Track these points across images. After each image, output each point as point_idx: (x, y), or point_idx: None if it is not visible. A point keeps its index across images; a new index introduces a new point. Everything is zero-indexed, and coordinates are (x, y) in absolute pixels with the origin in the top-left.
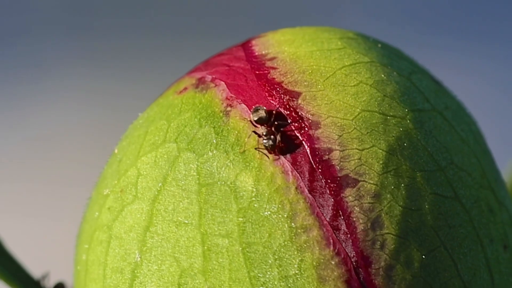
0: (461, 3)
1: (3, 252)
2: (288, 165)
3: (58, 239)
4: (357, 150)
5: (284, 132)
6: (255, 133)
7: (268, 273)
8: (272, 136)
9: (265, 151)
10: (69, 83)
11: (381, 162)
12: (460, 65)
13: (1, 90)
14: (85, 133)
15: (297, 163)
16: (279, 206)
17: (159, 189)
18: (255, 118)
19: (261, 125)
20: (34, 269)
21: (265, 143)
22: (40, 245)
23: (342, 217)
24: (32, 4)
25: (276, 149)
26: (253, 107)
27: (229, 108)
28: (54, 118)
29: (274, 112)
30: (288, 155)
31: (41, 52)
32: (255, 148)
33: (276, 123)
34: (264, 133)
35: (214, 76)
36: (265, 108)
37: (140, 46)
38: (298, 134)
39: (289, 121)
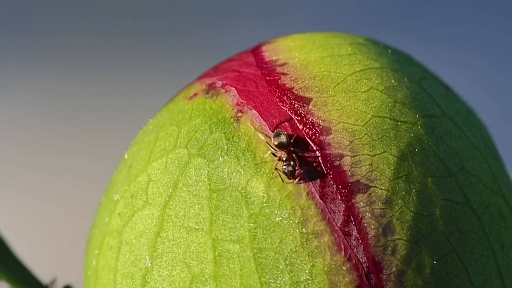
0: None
1: (11, 257)
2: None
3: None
4: (368, 156)
5: (302, 157)
6: (274, 155)
7: (279, 278)
8: (291, 162)
9: (284, 176)
10: (9, 81)
11: (392, 168)
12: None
13: None
14: (23, 131)
15: None
16: (290, 211)
17: (169, 194)
18: (276, 143)
19: (281, 149)
20: (42, 275)
21: (284, 169)
22: (49, 249)
23: (354, 223)
24: None
25: (296, 176)
26: (275, 131)
27: (239, 114)
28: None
29: (294, 136)
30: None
31: None
32: (275, 169)
33: (294, 148)
34: (284, 158)
35: (224, 82)
36: (286, 133)
37: (81, 44)
38: (309, 140)
39: (309, 148)
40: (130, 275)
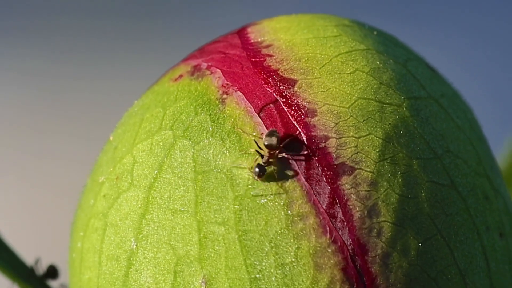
0: None
1: None
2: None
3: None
4: (353, 138)
5: (288, 162)
6: (258, 152)
7: (265, 260)
8: (266, 167)
9: (252, 173)
10: (2, 63)
11: (377, 150)
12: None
13: None
14: (14, 114)
15: (294, 150)
16: (276, 193)
17: (155, 176)
18: (266, 143)
19: (269, 149)
20: (27, 257)
21: (256, 171)
22: (33, 232)
23: (339, 205)
24: None
25: (263, 177)
26: (269, 130)
27: (225, 96)
28: None
29: (287, 140)
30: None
31: None
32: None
33: (287, 152)
34: (263, 161)
35: (209, 64)
36: (279, 135)
37: (70, 25)
38: (294, 122)
39: (303, 151)
40: (115, 257)
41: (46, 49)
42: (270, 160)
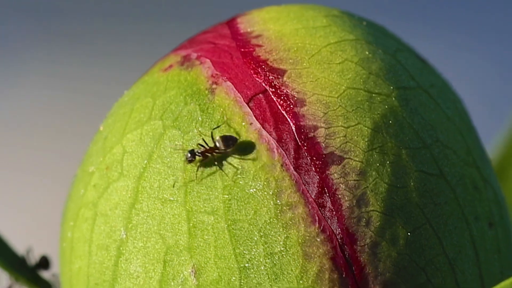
0: None
1: None
2: (273, 143)
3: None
4: (342, 128)
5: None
6: (205, 145)
7: (254, 250)
8: (197, 156)
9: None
10: (35, 66)
11: (366, 140)
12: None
13: None
14: (51, 117)
15: (283, 140)
16: (265, 183)
17: (144, 166)
18: (223, 143)
19: (225, 147)
20: (17, 248)
21: (187, 155)
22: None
23: (328, 195)
24: None
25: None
26: (231, 136)
27: (214, 86)
28: (18, 101)
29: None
30: (273, 133)
31: (7, 34)
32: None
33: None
34: (201, 150)
35: (199, 54)
36: (237, 140)
37: (109, 30)
38: (283, 112)
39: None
40: (105, 247)
41: (79, 53)
42: (207, 153)
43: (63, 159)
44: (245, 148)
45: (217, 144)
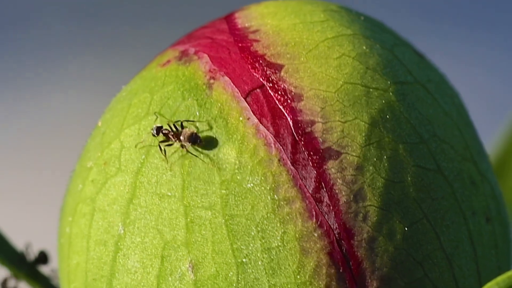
0: None
1: None
2: (271, 137)
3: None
4: (339, 123)
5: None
6: (168, 134)
7: (251, 245)
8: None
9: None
10: (75, 72)
11: (363, 135)
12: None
13: (7, 78)
14: (90, 122)
15: (280, 135)
16: (262, 178)
17: (142, 161)
18: (186, 134)
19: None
20: (16, 243)
21: (154, 128)
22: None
23: (325, 189)
24: None
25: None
26: (194, 133)
27: (212, 81)
28: (58, 106)
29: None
30: (271, 128)
31: (48, 40)
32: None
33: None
34: (167, 132)
35: (197, 49)
36: (196, 138)
37: (150, 35)
38: (281, 107)
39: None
40: (103, 242)
41: (114, 58)
42: (170, 138)
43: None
44: (209, 146)
45: (182, 137)
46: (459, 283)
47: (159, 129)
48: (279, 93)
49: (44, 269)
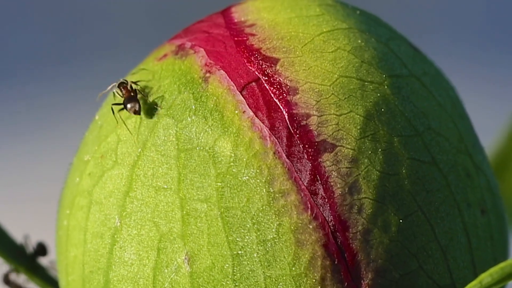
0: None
1: None
2: (266, 130)
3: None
4: (334, 116)
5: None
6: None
7: (247, 237)
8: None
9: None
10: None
11: (358, 127)
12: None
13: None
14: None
15: (275, 128)
16: (257, 171)
17: (138, 154)
18: (129, 104)
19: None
20: (14, 236)
21: (130, 107)
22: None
23: (320, 182)
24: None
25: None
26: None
27: (208, 74)
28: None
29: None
30: (266, 121)
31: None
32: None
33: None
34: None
35: (193, 43)
36: (136, 108)
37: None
38: (276, 100)
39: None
40: (99, 235)
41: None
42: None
43: None
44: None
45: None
46: (454, 274)
47: (123, 86)
48: (275, 86)
49: (43, 261)
